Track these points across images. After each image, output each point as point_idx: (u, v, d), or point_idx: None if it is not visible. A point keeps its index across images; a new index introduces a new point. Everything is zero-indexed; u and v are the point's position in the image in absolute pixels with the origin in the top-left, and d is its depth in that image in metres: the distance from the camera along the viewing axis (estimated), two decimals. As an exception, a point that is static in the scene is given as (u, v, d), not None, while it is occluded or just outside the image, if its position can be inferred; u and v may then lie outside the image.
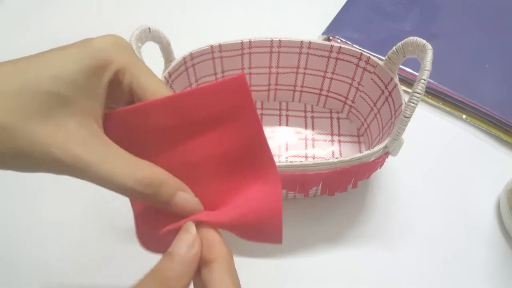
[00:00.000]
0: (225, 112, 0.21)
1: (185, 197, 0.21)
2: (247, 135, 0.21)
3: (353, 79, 0.42)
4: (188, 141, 0.22)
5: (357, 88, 0.42)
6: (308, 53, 0.41)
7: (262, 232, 0.22)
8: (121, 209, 0.41)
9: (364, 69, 0.40)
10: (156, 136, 0.22)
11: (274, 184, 0.21)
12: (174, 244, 0.21)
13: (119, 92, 0.22)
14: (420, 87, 0.30)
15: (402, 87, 0.37)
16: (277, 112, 0.47)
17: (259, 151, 0.22)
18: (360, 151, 0.44)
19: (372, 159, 0.34)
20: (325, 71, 0.43)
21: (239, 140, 0.22)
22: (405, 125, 0.32)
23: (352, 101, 0.44)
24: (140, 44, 0.32)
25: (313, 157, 0.43)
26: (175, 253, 0.20)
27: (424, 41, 0.32)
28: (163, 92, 0.22)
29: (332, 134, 0.45)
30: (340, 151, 0.44)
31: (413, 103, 0.30)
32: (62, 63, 0.19)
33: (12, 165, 0.19)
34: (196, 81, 0.42)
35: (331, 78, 0.43)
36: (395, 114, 0.37)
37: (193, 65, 0.40)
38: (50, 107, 0.19)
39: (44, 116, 0.18)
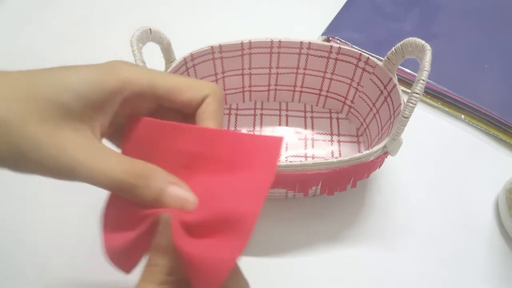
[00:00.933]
0: (245, 163, 0.21)
1: (177, 190, 0.21)
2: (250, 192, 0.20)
3: (352, 79, 0.42)
4: (197, 173, 0.22)
5: (357, 89, 0.43)
6: (307, 54, 0.42)
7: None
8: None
9: (364, 69, 0.41)
10: (171, 156, 0.22)
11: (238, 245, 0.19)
12: (159, 235, 0.21)
13: (139, 99, 0.23)
14: (419, 87, 0.30)
15: (401, 87, 0.37)
16: (277, 112, 0.47)
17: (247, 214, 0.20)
18: (359, 151, 0.44)
19: (371, 159, 0.34)
20: (325, 72, 0.43)
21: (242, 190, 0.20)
22: (404, 125, 0.32)
23: (352, 101, 0.44)
24: (141, 45, 0.32)
25: (313, 157, 0.44)
26: (164, 244, 0.21)
27: (423, 42, 0.32)
28: (184, 80, 0.23)
29: (331, 134, 0.45)
30: (340, 151, 0.44)
31: (412, 103, 0.31)
32: (71, 77, 0.21)
33: (5, 162, 0.20)
34: (197, 81, 0.42)
35: (331, 79, 0.43)
36: (394, 114, 0.37)
37: (193, 65, 0.40)
38: (50, 112, 0.20)
39: (43, 119, 0.20)
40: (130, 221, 0.22)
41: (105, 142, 0.24)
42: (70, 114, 0.21)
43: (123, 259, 0.23)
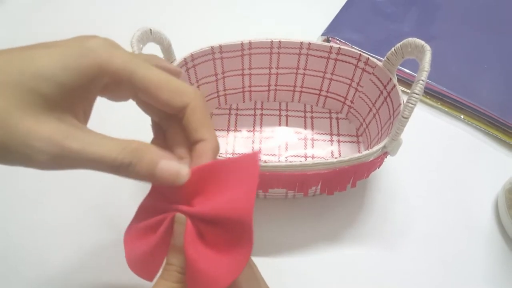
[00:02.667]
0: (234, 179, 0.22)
1: (169, 163, 0.21)
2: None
3: (352, 79, 0.42)
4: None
5: (356, 89, 0.43)
6: (307, 54, 0.42)
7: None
8: (122, 209, 0.41)
9: (363, 69, 0.41)
10: None
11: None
12: (175, 238, 0.22)
13: (119, 87, 0.22)
14: (418, 88, 0.30)
15: (400, 88, 0.37)
16: (277, 112, 0.47)
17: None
18: (359, 151, 0.44)
19: (371, 159, 0.34)
20: (325, 72, 0.43)
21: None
22: (404, 126, 0.32)
23: (351, 102, 0.44)
24: (141, 46, 0.32)
25: (313, 157, 0.44)
26: (180, 244, 0.22)
27: (422, 42, 0.32)
28: (165, 79, 0.22)
29: (331, 134, 0.45)
30: (339, 151, 0.44)
31: (412, 104, 0.31)
32: (46, 61, 0.19)
33: None
34: (197, 81, 0.42)
35: (331, 79, 0.44)
36: (393, 114, 0.37)
37: (194, 65, 0.40)
38: (30, 103, 0.19)
39: (24, 111, 0.19)
40: (148, 227, 0.23)
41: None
42: (51, 104, 0.20)
43: (144, 267, 0.24)
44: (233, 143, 0.44)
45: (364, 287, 0.37)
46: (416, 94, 0.30)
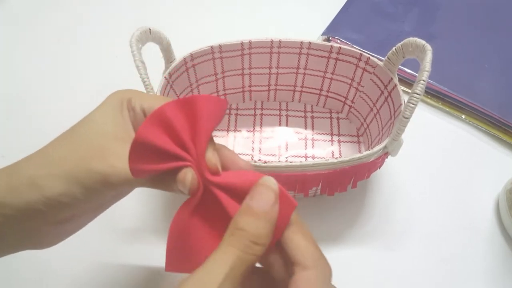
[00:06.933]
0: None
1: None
2: None
3: (352, 79, 0.42)
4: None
5: (357, 89, 0.43)
6: (308, 54, 0.41)
7: None
8: (123, 209, 0.41)
9: (364, 69, 0.40)
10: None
11: None
12: (253, 198, 0.20)
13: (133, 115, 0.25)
14: (419, 88, 0.30)
15: (401, 88, 0.37)
16: (277, 112, 0.47)
17: None
18: (359, 151, 0.44)
19: (371, 160, 0.34)
20: (325, 72, 0.43)
21: None
22: (405, 126, 0.32)
23: (352, 101, 0.44)
24: (140, 45, 0.32)
25: (313, 157, 0.44)
26: (257, 208, 0.19)
27: (423, 42, 0.32)
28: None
29: (331, 134, 0.45)
30: (340, 151, 0.44)
31: (413, 104, 0.30)
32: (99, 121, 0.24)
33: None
34: (197, 81, 0.42)
35: (331, 79, 0.43)
36: (394, 114, 0.37)
37: (193, 65, 0.40)
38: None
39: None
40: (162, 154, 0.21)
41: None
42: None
43: (184, 256, 0.23)
44: (233, 143, 0.44)
45: (364, 286, 0.37)
46: (417, 94, 0.30)
